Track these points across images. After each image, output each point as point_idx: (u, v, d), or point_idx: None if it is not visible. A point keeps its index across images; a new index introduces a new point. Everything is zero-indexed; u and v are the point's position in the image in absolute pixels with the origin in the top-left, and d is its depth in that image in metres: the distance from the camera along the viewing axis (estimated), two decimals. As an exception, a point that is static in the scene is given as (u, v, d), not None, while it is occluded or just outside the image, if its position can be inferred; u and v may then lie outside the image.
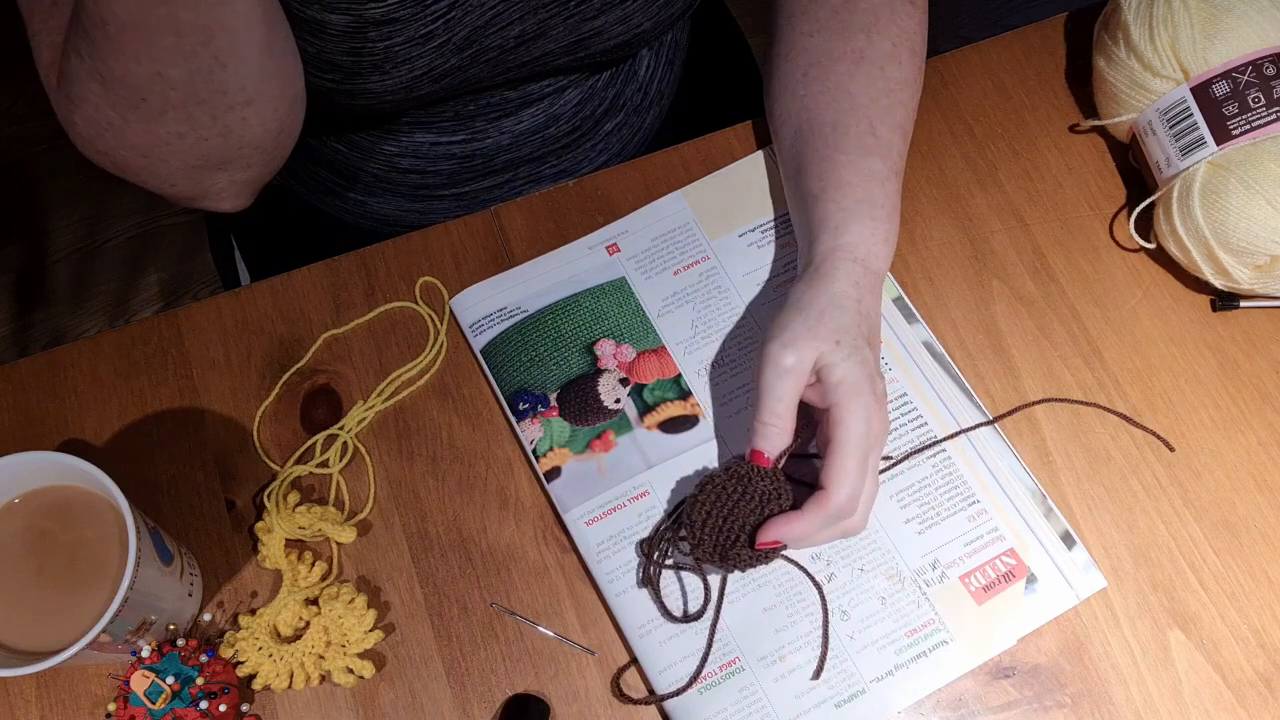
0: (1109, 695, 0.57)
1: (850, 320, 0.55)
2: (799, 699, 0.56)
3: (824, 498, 0.52)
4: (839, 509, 0.52)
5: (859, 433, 0.52)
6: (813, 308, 0.55)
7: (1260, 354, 0.64)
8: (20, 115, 1.68)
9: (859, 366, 0.54)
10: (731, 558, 0.54)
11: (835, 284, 0.56)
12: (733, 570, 0.55)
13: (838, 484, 0.52)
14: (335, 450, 0.62)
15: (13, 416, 0.63)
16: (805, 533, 0.53)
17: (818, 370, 0.54)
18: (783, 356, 0.54)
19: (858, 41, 0.61)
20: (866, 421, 0.52)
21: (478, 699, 0.57)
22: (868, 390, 0.53)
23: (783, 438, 0.55)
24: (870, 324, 0.57)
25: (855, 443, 0.52)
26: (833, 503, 0.52)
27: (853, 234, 0.58)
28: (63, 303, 1.57)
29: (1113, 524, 0.60)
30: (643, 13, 0.64)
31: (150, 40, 0.46)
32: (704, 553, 0.55)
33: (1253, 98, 0.60)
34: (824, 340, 0.54)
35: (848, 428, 0.52)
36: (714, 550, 0.54)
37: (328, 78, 0.60)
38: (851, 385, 0.53)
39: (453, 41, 0.59)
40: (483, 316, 0.65)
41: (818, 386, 0.55)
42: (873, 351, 0.56)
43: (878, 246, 0.58)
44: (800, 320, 0.55)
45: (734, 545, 0.54)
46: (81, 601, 0.51)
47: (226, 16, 0.46)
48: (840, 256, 0.57)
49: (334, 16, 0.55)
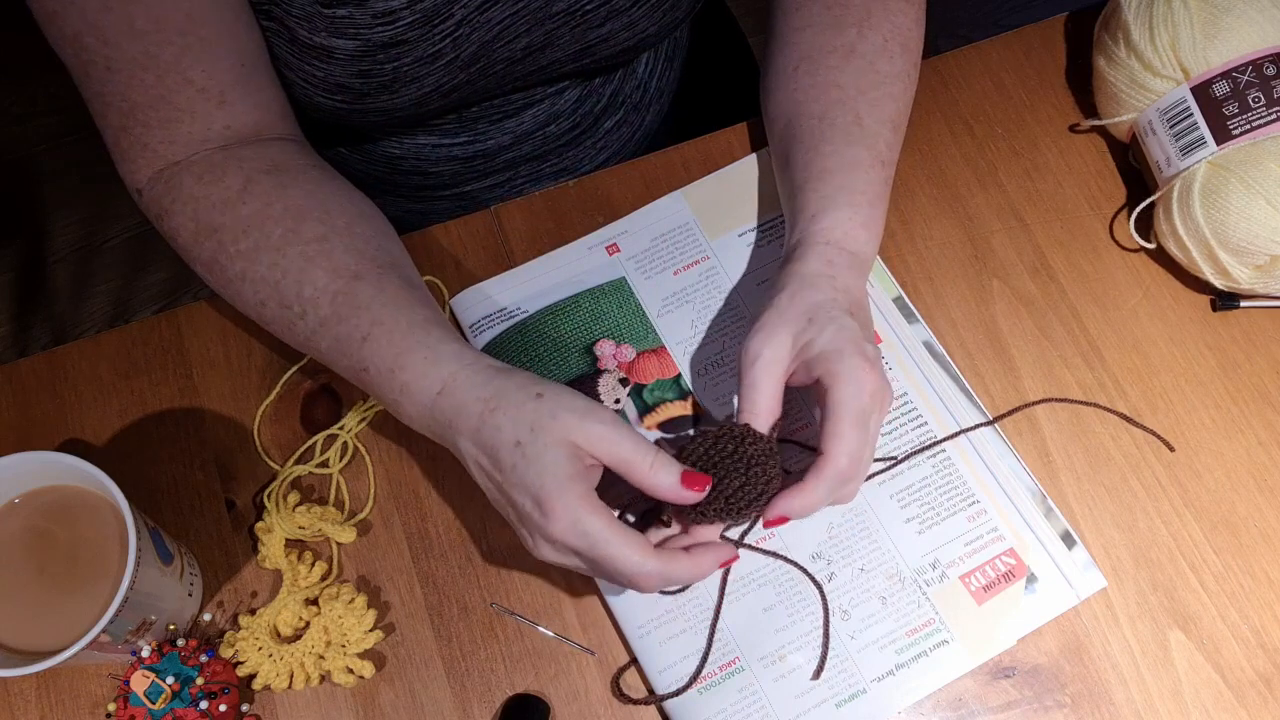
0: (1109, 695, 0.57)
1: (824, 297, 0.54)
2: (799, 699, 0.56)
3: (823, 463, 0.50)
4: (839, 473, 0.50)
5: (850, 393, 0.50)
6: (783, 292, 0.54)
7: (1260, 354, 0.64)
8: (20, 115, 1.68)
9: (838, 333, 0.52)
10: (702, 508, 0.52)
11: (806, 265, 0.55)
12: (699, 522, 0.53)
13: (836, 448, 0.50)
14: (335, 450, 0.62)
15: (13, 416, 0.63)
16: (810, 503, 0.51)
17: (798, 351, 0.53)
18: (751, 344, 0.53)
19: (849, 36, 0.61)
20: (857, 383, 0.50)
21: (478, 699, 0.57)
22: (853, 353, 0.51)
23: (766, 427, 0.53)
24: (851, 298, 0.55)
25: (848, 404, 0.50)
26: (832, 467, 0.50)
27: (828, 219, 0.57)
28: (63, 303, 1.57)
29: (1113, 524, 0.60)
30: (648, 18, 0.64)
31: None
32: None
33: (1253, 97, 0.60)
34: (794, 321, 0.53)
35: (839, 391, 0.50)
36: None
37: (337, 99, 0.60)
38: (834, 352, 0.51)
39: (461, 58, 0.60)
40: (483, 316, 0.65)
41: (801, 367, 0.53)
42: (856, 322, 0.54)
43: (855, 230, 0.57)
44: (771, 306, 0.54)
45: (711, 501, 0.51)
46: (81, 601, 0.51)
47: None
48: (812, 240, 0.56)
49: (342, 41, 0.56)
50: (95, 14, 0.50)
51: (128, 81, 0.53)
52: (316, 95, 0.60)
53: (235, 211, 0.55)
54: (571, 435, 0.48)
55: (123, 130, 0.55)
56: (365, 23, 0.55)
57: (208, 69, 0.54)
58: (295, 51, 0.57)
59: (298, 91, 0.60)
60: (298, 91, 0.60)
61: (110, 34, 0.51)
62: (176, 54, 0.52)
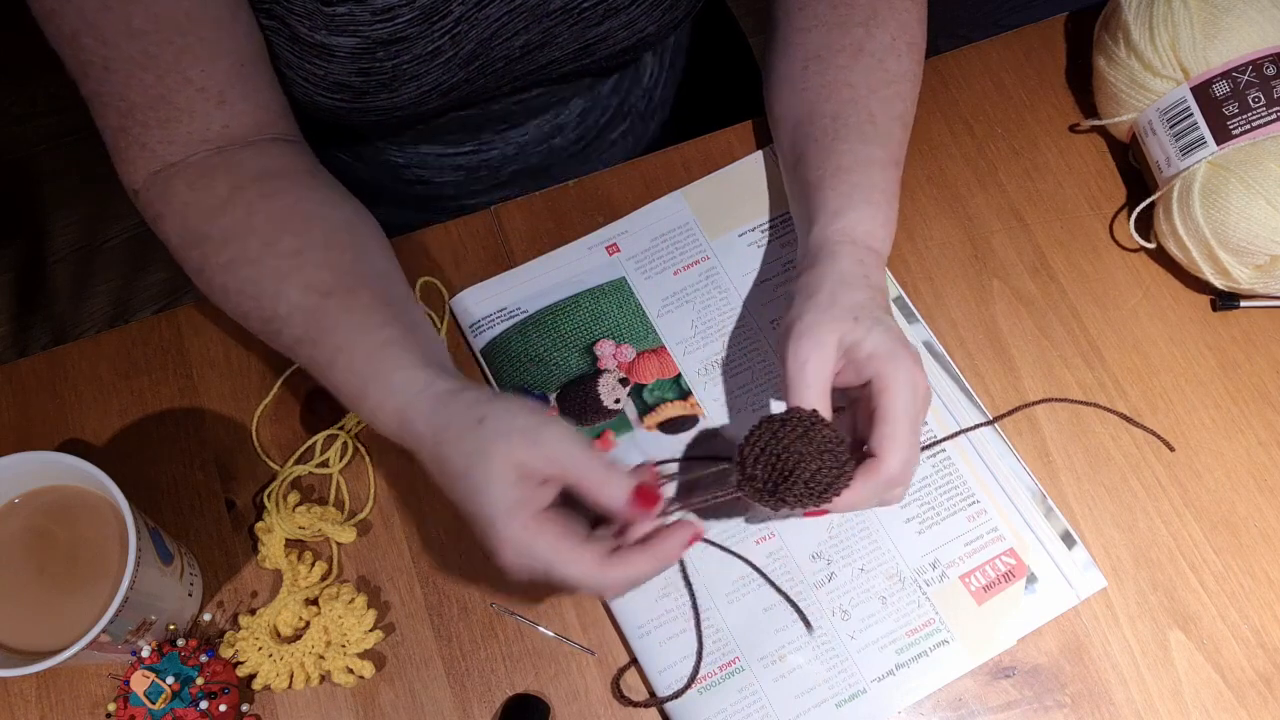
0: (1109, 695, 0.57)
1: (864, 296, 0.53)
2: (799, 699, 0.56)
3: (876, 466, 0.50)
4: (891, 478, 0.50)
5: (906, 398, 0.50)
6: (822, 291, 0.54)
7: (1260, 354, 0.64)
8: (20, 115, 1.68)
9: (886, 334, 0.52)
10: (781, 493, 0.51)
11: (839, 264, 0.55)
12: (779, 508, 0.52)
13: (891, 452, 0.50)
14: (335, 450, 0.62)
15: (13, 416, 0.63)
16: (857, 501, 0.50)
17: (844, 351, 0.52)
18: (801, 347, 0.52)
19: (856, 34, 0.61)
20: (912, 386, 0.50)
21: (478, 699, 0.57)
22: (904, 354, 0.51)
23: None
24: (884, 296, 0.55)
25: (904, 408, 0.50)
26: (885, 471, 0.50)
27: (850, 217, 0.56)
28: (63, 303, 1.57)
29: (1113, 524, 0.60)
30: (647, 16, 0.64)
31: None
32: (754, 488, 0.52)
33: (1253, 97, 0.60)
34: (841, 320, 0.52)
35: (894, 394, 0.50)
36: (764, 485, 0.51)
37: (337, 98, 0.60)
38: (886, 353, 0.51)
39: (459, 56, 0.60)
40: (483, 317, 0.65)
41: (849, 367, 0.52)
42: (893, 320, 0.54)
43: (877, 229, 0.57)
44: (812, 307, 0.53)
45: (786, 482, 0.50)
46: (81, 601, 0.51)
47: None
48: (839, 239, 0.56)
49: (342, 39, 0.56)
50: (93, 13, 0.50)
51: (126, 81, 0.53)
52: (317, 94, 0.60)
53: (218, 221, 0.55)
54: (515, 458, 0.47)
55: (121, 130, 0.55)
56: (365, 20, 0.55)
57: (206, 68, 0.53)
58: (295, 49, 0.57)
59: (298, 90, 0.60)
60: (298, 90, 0.60)
61: (108, 34, 0.51)
62: (175, 54, 0.52)
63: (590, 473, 0.47)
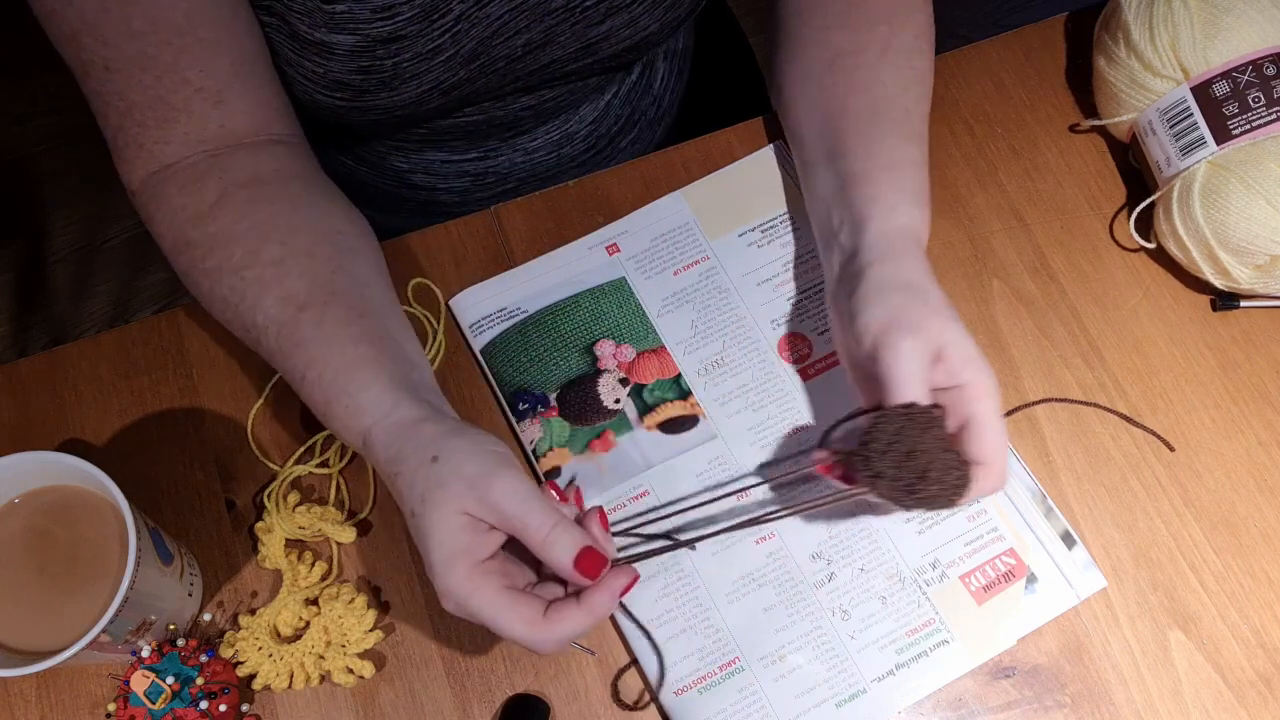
0: (1109, 695, 0.57)
1: (940, 299, 0.54)
2: (799, 699, 0.56)
3: (989, 471, 0.51)
4: (995, 488, 0.51)
5: (996, 406, 0.51)
6: (914, 287, 0.54)
7: (1260, 354, 0.64)
8: (20, 115, 1.68)
9: (967, 338, 0.52)
10: (919, 491, 0.51)
11: (912, 265, 0.55)
12: (914, 507, 0.52)
13: (996, 459, 0.51)
14: (335, 450, 0.62)
15: (13, 416, 0.63)
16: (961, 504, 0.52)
17: (939, 350, 0.52)
18: (904, 341, 0.51)
19: (880, 32, 0.61)
20: (996, 393, 0.51)
21: (478, 699, 0.57)
22: (983, 359, 0.52)
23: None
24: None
25: (998, 415, 0.51)
26: (991, 482, 0.51)
27: (909, 216, 0.57)
28: (63, 303, 1.57)
29: (1113, 524, 0.60)
30: (649, 15, 0.63)
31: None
32: (885, 485, 0.51)
33: (1253, 97, 0.60)
34: (945, 317, 0.52)
35: (988, 404, 0.51)
36: (896, 482, 0.51)
37: (337, 96, 0.60)
38: (974, 360, 0.51)
39: (460, 54, 0.59)
40: (482, 317, 0.65)
41: (940, 367, 0.52)
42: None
43: (924, 229, 0.57)
44: (913, 302, 0.53)
45: (922, 481, 0.50)
46: (81, 601, 0.51)
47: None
48: (906, 236, 0.56)
49: (341, 37, 0.56)
50: (93, 14, 0.50)
51: (125, 82, 0.53)
52: (316, 92, 0.60)
53: (204, 228, 0.55)
54: (462, 504, 0.46)
55: (120, 129, 0.55)
56: (364, 18, 0.55)
57: (205, 68, 0.53)
58: (295, 47, 0.57)
59: (298, 89, 0.60)
60: (298, 89, 0.60)
61: (108, 34, 0.51)
62: (174, 54, 0.52)
63: (538, 531, 0.46)
